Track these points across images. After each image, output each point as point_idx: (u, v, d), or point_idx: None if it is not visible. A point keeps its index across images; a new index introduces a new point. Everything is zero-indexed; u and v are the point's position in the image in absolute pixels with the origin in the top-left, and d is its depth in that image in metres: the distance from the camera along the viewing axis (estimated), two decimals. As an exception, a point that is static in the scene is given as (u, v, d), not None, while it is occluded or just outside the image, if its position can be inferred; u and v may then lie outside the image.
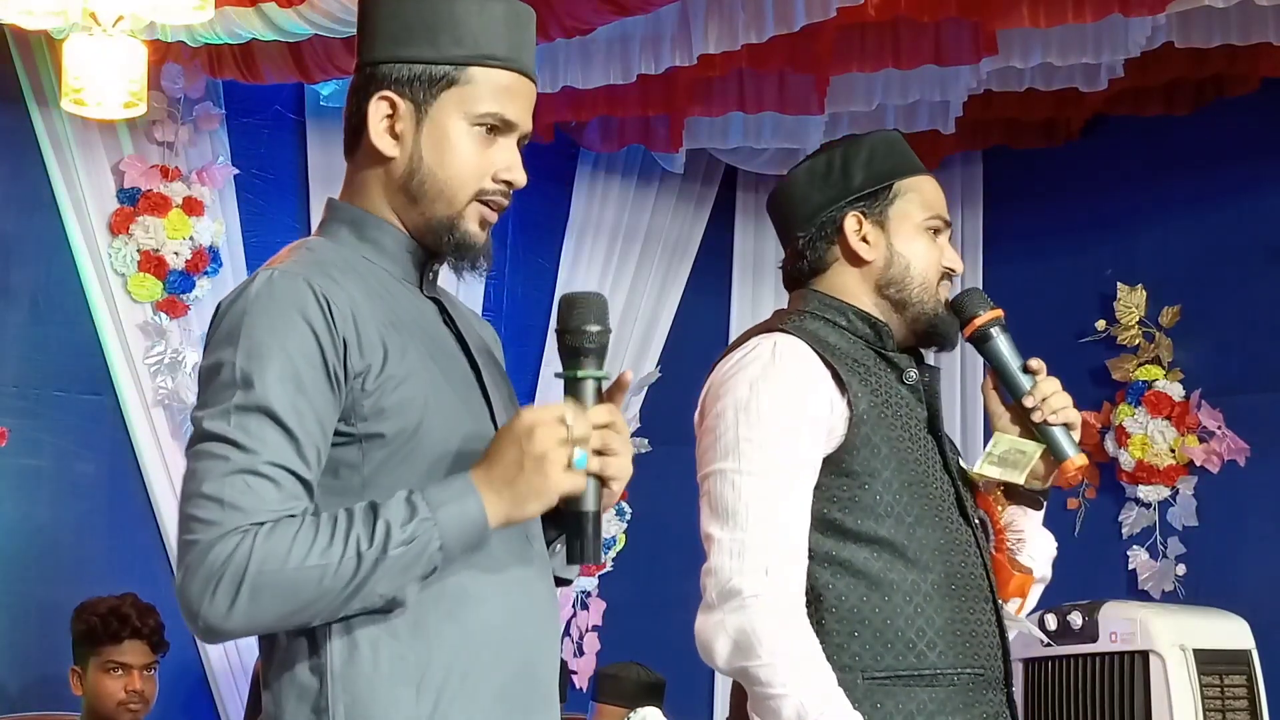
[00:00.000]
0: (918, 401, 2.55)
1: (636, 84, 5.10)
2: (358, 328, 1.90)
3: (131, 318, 5.29)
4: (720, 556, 2.39)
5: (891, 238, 2.56)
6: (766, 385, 2.43)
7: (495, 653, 1.93)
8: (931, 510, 2.48)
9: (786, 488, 2.40)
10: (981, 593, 2.50)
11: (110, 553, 5.26)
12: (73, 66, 4.23)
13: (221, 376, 1.87)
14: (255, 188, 5.60)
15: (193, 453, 1.87)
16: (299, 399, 1.86)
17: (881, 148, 2.62)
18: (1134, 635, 4.78)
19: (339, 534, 1.82)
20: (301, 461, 1.86)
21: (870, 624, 2.40)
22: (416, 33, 1.99)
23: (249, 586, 1.79)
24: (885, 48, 5.04)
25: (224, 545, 1.80)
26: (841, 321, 2.55)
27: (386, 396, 1.91)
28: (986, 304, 2.60)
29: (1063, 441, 2.57)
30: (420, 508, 1.84)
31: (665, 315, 6.32)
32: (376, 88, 2.00)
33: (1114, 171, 6.08)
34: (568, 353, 1.94)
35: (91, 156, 5.29)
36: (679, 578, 6.21)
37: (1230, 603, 5.19)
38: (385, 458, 1.91)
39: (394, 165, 2.00)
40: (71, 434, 5.27)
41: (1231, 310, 5.77)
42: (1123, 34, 4.91)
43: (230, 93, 5.48)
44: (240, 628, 1.83)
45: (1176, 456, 5.81)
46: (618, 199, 6.24)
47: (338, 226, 2.05)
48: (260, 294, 1.90)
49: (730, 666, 2.36)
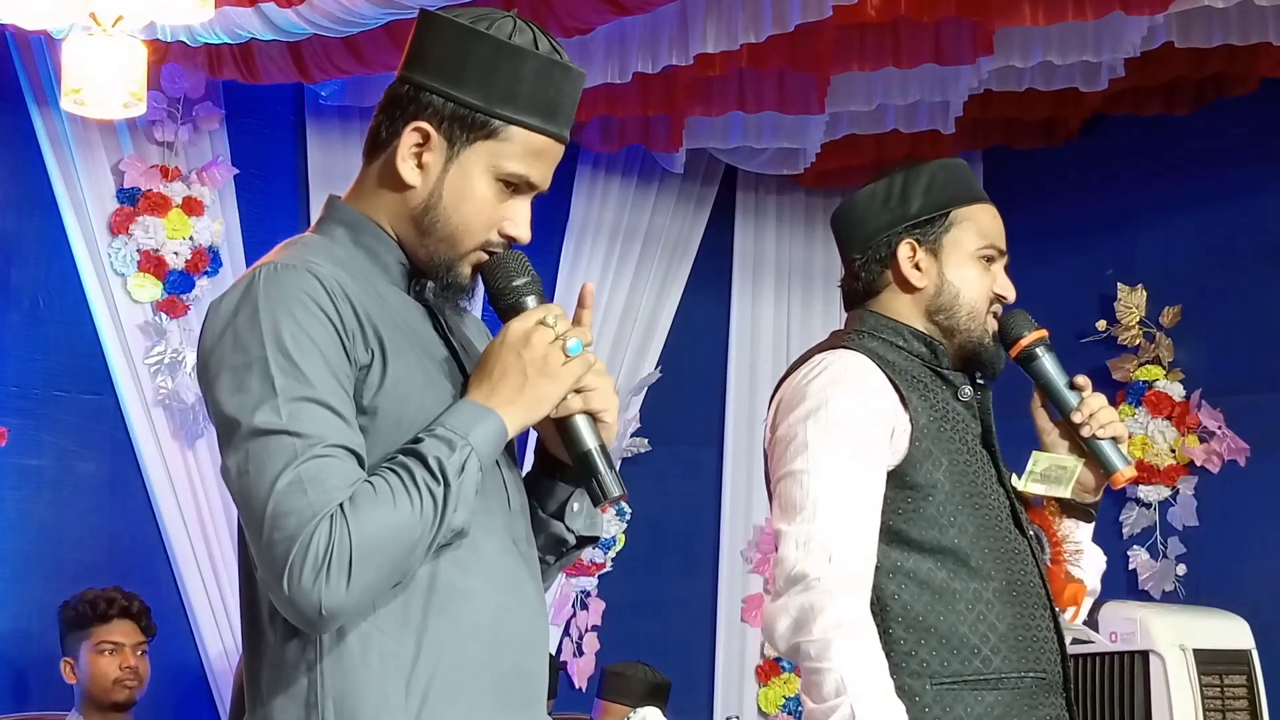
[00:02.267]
0: (972, 417, 2.63)
1: (636, 83, 5.10)
2: (359, 319, 1.92)
3: (131, 317, 5.30)
4: (787, 547, 2.45)
5: (944, 265, 2.63)
6: (835, 394, 2.51)
7: (485, 649, 1.94)
8: (990, 521, 2.55)
9: (854, 487, 2.46)
10: (1040, 600, 2.57)
11: (111, 552, 5.26)
12: (72, 66, 4.23)
13: (255, 372, 1.87)
14: (255, 187, 5.60)
15: (245, 451, 1.85)
16: (334, 382, 1.88)
17: (941, 175, 2.67)
18: (1134, 635, 4.78)
19: (408, 484, 1.85)
20: (355, 439, 1.88)
21: (936, 631, 2.47)
22: (471, 74, 1.99)
23: (358, 561, 1.81)
24: (885, 47, 5.04)
25: (320, 532, 1.81)
26: (899, 341, 2.63)
27: (381, 391, 1.92)
28: (1031, 325, 2.68)
29: (1112, 455, 2.65)
30: (455, 439, 1.89)
31: (665, 315, 6.32)
32: (416, 112, 2.00)
33: (1114, 171, 6.08)
34: (510, 312, 1.99)
35: (91, 156, 5.29)
36: (678, 578, 6.26)
37: (1230, 603, 5.20)
38: (373, 451, 1.91)
39: (412, 194, 2.01)
40: (71, 434, 5.27)
41: (1232, 310, 5.77)
42: (1122, 33, 4.91)
43: (230, 93, 5.48)
44: (359, 601, 1.84)
45: (1177, 456, 5.81)
46: (617, 199, 6.23)
47: (334, 226, 2.06)
48: (269, 287, 1.90)
49: (787, 644, 2.42)
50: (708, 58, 4.90)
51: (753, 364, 6.36)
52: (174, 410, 5.28)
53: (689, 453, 6.30)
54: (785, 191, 6.52)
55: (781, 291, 6.52)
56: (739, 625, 6.19)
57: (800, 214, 6.52)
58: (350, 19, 4.50)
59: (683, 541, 6.25)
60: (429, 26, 2.03)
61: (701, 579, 6.27)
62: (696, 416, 6.34)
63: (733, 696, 6.22)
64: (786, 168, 6.09)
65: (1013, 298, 2.69)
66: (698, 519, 6.29)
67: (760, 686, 6.22)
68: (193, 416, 5.28)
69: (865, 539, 2.45)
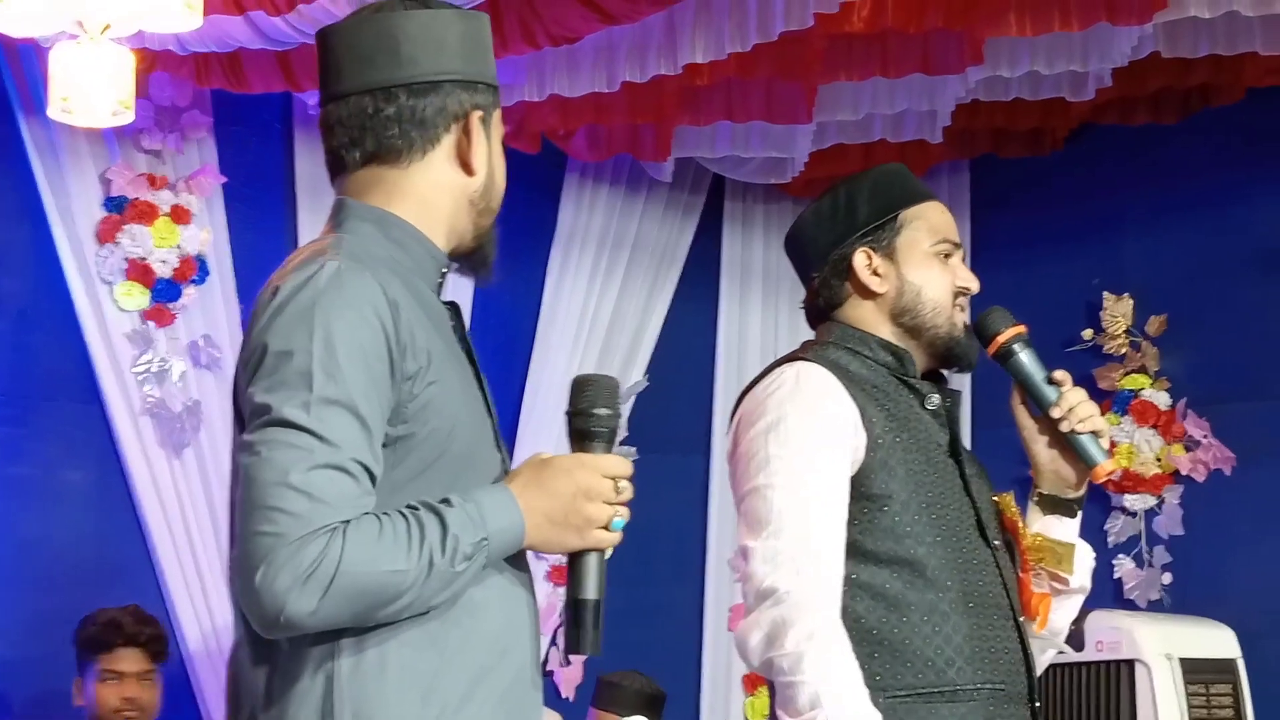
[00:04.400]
0: (940, 426, 2.62)
1: (624, 93, 5.10)
2: (412, 330, 1.93)
3: (119, 326, 5.28)
4: (755, 563, 2.45)
5: (901, 267, 2.64)
6: (793, 407, 2.51)
7: (497, 659, 1.96)
8: (949, 530, 2.54)
9: (817, 498, 2.46)
10: (1001, 610, 2.55)
11: (97, 561, 5.25)
12: (60, 74, 4.23)
13: (296, 363, 1.87)
14: (243, 196, 5.59)
15: (264, 439, 1.85)
16: (372, 394, 1.88)
17: (883, 180, 2.69)
18: (1120, 644, 4.79)
19: (414, 540, 1.84)
20: (374, 456, 1.88)
21: (888, 644, 2.46)
22: (470, 52, 2.08)
23: (336, 586, 1.80)
24: (873, 57, 5.05)
25: (315, 542, 1.80)
26: (864, 351, 2.63)
27: (427, 401, 1.94)
28: (1008, 320, 2.67)
29: (1092, 449, 2.63)
30: (479, 525, 1.88)
31: (653, 324, 6.32)
32: (468, 102, 2.07)
33: (1101, 181, 6.09)
34: (577, 435, 2.00)
35: (78, 165, 5.28)
36: (665, 586, 6.26)
37: (1216, 612, 5.21)
38: (415, 462, 1.93)
39: (473, 180, 2.09)
40: (59, 442, 5.26)
41: (1218, 319, 5.78)
42: (1110, 43, 4.93)
43: (218, 101, 5.48)
44: (319, 624, 1.84)
45: (1162, 465, 5.82)
46: (605, 207, 6.24)
47: (359, 224, 2.06)
48: (331, 285, 1.90)
49: (760, 659, 2.42)
50: (695, 67, 4.91)
51: (740, 372, 6.36)
52: (161, 419, 5.27)
53: (676, 461, 6.30)
54: (773, 200, 6.52)
55: (769, 300, 6.52)
56: (726, 634, 6.19)
57: (788, 223, 6.37)
58: (338, 28, 4.49)
59: (670, 550, 6.25)
60: (407, 24, 2.05)
61: (689, 587, 6.27)
62: (684, 425, 6.35)
63: (720, 705, 6.22)
64: (774, 177, 6.09)
65: (976, 288, 2.69)
66: (685, 527, 6.29)
67: (747, 696, 6.22)
68: (180, 426, 5.27)
69: (832, 550, 2.45)
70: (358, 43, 2.06)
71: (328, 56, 2.09)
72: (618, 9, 4.49)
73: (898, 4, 4.60)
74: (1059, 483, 2.68)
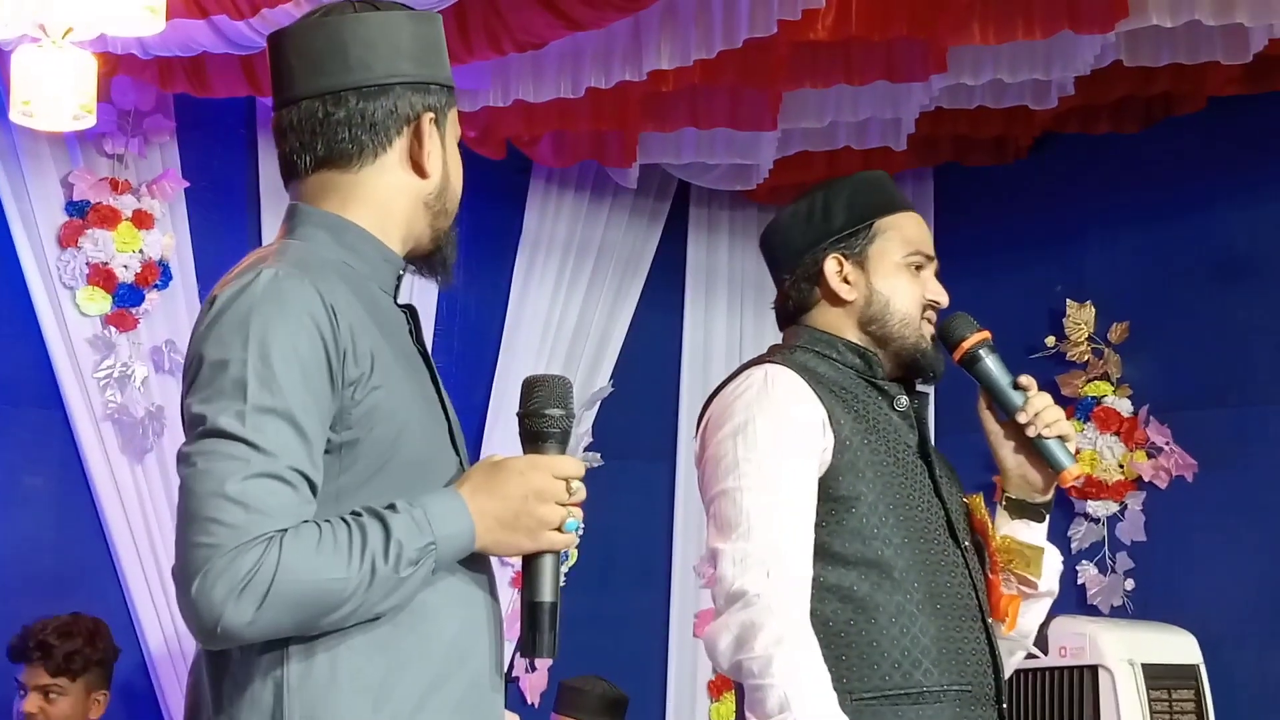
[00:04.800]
0: (909, 428, 2.63)
1: (589, 98, 5.10)
2: (353, 336, 1.92)
3: (80, 331, 5.25)
4: (724, 566, 2.45)
5: (871, 276, 2.64)
6: (760, 409, 2.51)
7: (452, 665, 1.95)
8: (917, 531, 2.54)
9: (785, 499, 2.47)
10: (969, 611, 2.56)
11: (58, 568, 5.22)
12: (21, 77, 4.20)
13: (231, 373, 1.86)
14: (206, 201, 5.57)
15: (200, 450, 1.86)
16: (310, 402, 1.87)
17: (862, 188, 2.70)
18: (1083, 650, 4.81)
19: (355, 547, 1.83)
20: (312, 464, 1.87)
21: (855, 645, 2.46)
22: (421, 53, 2.07)
23: (274, 595, 1.79)
24: (837, 64, 5.06)
25: (251, 552, 1.80)
26: (832, 353, 2.63)
27: (371, 406, 1.92)
28: (973, 327, 2.67)
29: (1058, 453, 2.64)
30: (425, 530, 1.86)
31: (618, 330, 6.32)
32: (419, 104, 2.05)
33: (1063, 189, 6.12)
34: (529, 436, 1.99)
35: (40, 169, 5.25)
36: (631, 592, 6.26)
37: (1178, 617, 5.23)
38: (361, 468, 1.92)
39: (428, 182, 2.08)
40: (19, 448, 5.22)
41: (1179, 327, 5.81)
42: (1072, 52, 4.95)
43: (181, 106, 5.45)
44: (259, 634, 1.83)
45: (1125, 472, 5.85)
46: (570, 214, 6.23)
47: (313, 230, 2.04)
48: (267, 293, 1.89)
49: (729, 661, 2.41)
50: (660, 73, 4.91)
51: (706, 378, 6.36)
52: (123, 425, 5.24)
53: (641, 467, 6.30)
54: (738, 207, 6.53)
55: (734, 306, 6.53)
56: (691, 640, 6.19)
57: (753, 229, 6.53)
58: (303, 32, 4.48)
59: (635, 556, 6.25)
60: (356, 27, 2.04)
61: (654, 594, 6.27)
62: (649, 431, 6.35)
63: (685, 712, 6.22)
64: (739, 183, 6.10)
65: (945, 302, 2.70)
66: (650, 534, 6.29)
67: (712, 701, 6.22)
68: (142, 431, 5.25)
69: (801, 552, 2.45)
70: (307, 47, 2.05)
71: (279, 61, 2.08)
72: (583, 15, 4.49)
73: (862, 12, 4.61)
74: (1026, 487, 2.69)
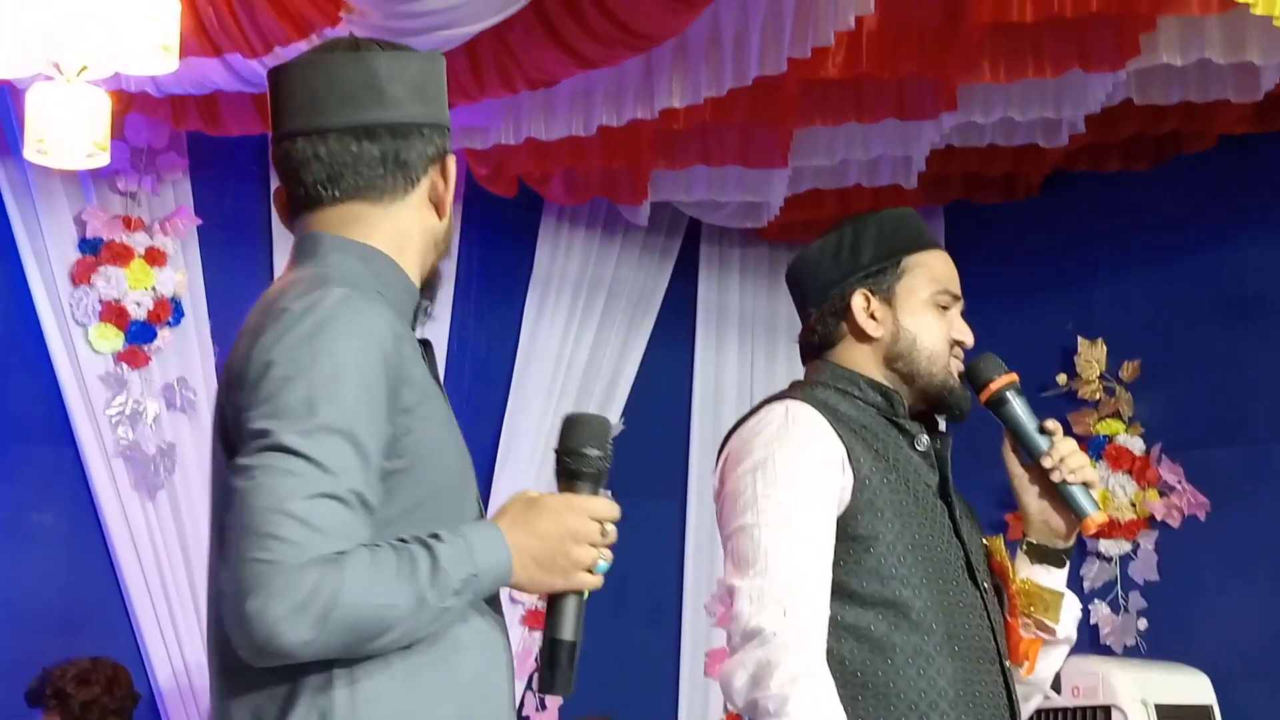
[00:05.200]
0: (930, 468, 2.61)
1: (600, 136, 5.12)
2: (410, 363, 1.93)
3: (92, 368, 5.27)
4: (741, 603, 2.43)
5: (898, 313, 2.62)
6: (780, 445, 2.50)
7: (477, 699, 1.96)
8: (936, 573, 2.52)
9: (803, 537, 2.45)
10: (987, 654, 2.53)
11: (68, 605, 5.21)
12: (36, 115, 4.22)
13: (297, 389, 1.84)
14: (218, 238, 5.58)
15: (262, 465, 1.82)
16: (373, 425, 1.86)
17: (890, 224, 2.67)
18: (1096, 689, 4.78)
19: (405, 574, 1.83)
20: (370, 488, 1.86)
21: (872, 687, 2.44)
22: (433, 94, 2.10)
23: (331, 619, 1.78)
24: (848, 102, 5.08)
25: (311, 572, 1.78)
26: (854, 391, 2.61)
27: (420, 436, 1.93)
28: (1000, 369, 2.66)
29: (1082, 500, 2.62)
30: (468, 561, 1.88)
31: (629, 368, 6.32)
32: (442, 146, 2.09)
33: (1074, 227, 6.12)
34: (565, 474, 2.00)
35: (53, 206, 5.27)
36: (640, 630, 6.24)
37: (1191, 657, 5.20)
38: (407, 498, 1.92)
39: (441, 223, 2.11)
40: (30, 485, 5.23)
41: (1191, 365, 5.80)
42: (1083, 90, 4.96)
43: (194, 143, 5.48)
44: (311, 655, 1.81)
45: (1137, 511, 5.83)
46: (581, 251, 6.25)
47: (340, 256, 2.03)
48: (339, 311, 1.89)
49: (744, 699, 2.39)
50: (671, 112, 4.93)
51: (716, 416, 6.36)
52: (135, 462, 5.25)
53: (652, 505, 6.29)
54: (749, 245, 6.54)
55: (745, 344, 6.53)
56: (702, 679, 6.17)
57: (764, 267, 6.55)
58: (315, 71, 4.50)
59: (645, 594, 6.23)
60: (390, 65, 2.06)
61: (664, 632, 6.25)
62: (660, 469, 6.34)
63: (695, 751, 6.19)
64: (750, 221, 6.11)
65: (971, 342, 2.69)
66: (661, 572, 6.27)
67: (723, 740, 6.19)
68: (153, 468, 5.25)
69: (818, 590, 2.44)
70: (340, 80, 2.04)
71: (301, 90, 2.06)
72: (595, 53, 4.51)
73: (872, 50, 4.63)
74: (1048, 532, 2.67)
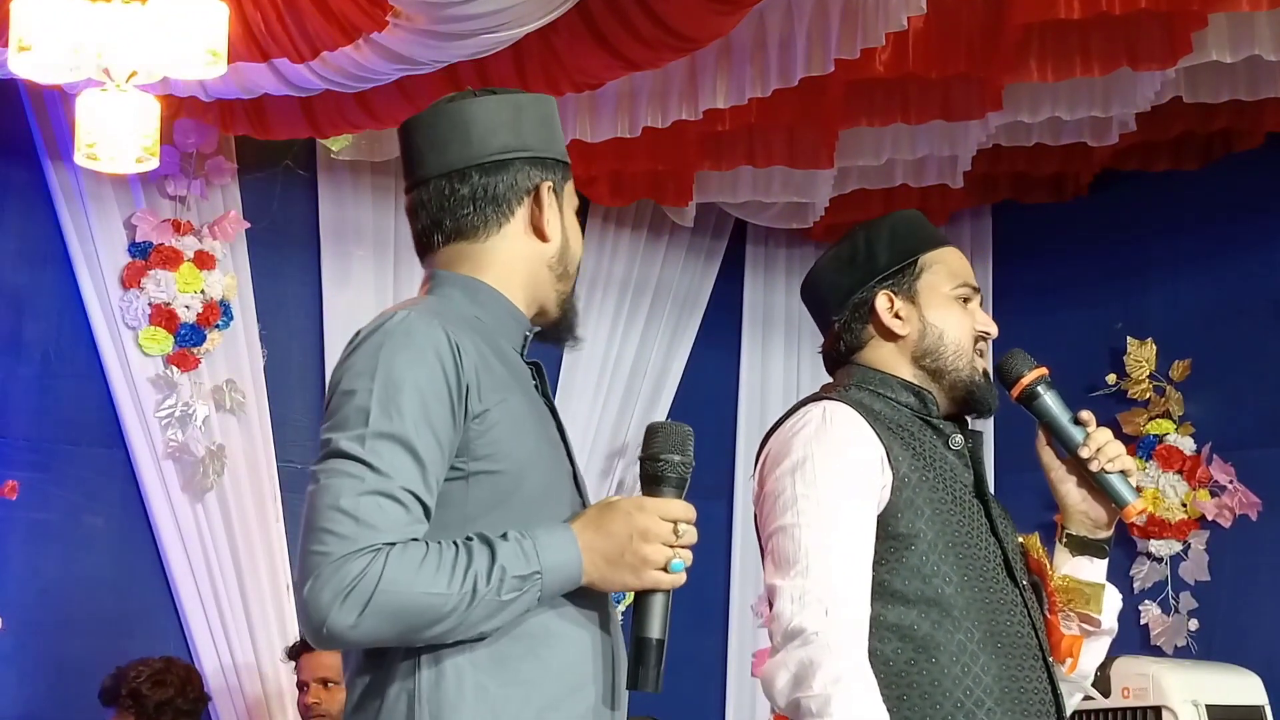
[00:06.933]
0: (964, 466, 2.62)
1: (646, 138, 5.12)
2: (477, 374, 2.07)
3: (142, 371, 5.31)
4: (782, 603, 2.44)
5: (923, 310, 2.65)
6: (819, 445, 2.51)
7: (566, 691, 2.07)
8: (976, 570, 2.53)
9: (844, 537, 2.46)
10: (1030, 651, 2.53)
11: (119, 606, 5.25)
12: (86, 121, 4.26)
13: (356, 401, 2.03)
14: (267, 241, 5.62)
15: (324, 469, 2.01)
16: (427, 430, 2.02)
17: (902, 226, 2.71)
18: (1147, 691, 4.76)
19: (459, 567, 1.97)
20: (426, 488, 2.01)
21: (917, 686, 2.44)
22: (530, 127, 2.25)
23: (376, 604, 1.94)
24: (894, 103, 5.06)
25: (358, 561, 1.94)
26: (887, 391, 2.63)
27: (497, 440, 2.07)
28: (1030, 363, 2.66)
29: (1121, 488, 2.62)
30: (532, 559, 2.01)
31: (675, 368, 6.33)
32: (537, 176, 2.23)
33: (1123, 226, 6.09)
34: (647, 479, 2.13)
35: (104, 210, 5.31)
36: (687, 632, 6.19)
37: (1243, 658, 5.17)
38: (487, 497, 2.06)
39: (549, 246, 2.26)
40: (81, 487, 5.27)
41: (1242, 364, 5.76)
42: (1131, 88, 4.93)
43: (242, 147, 5.51)
44: (360, 639, 1.97)
45: (1188, 511, 5.79)
46: (627, 253, 6.25)
47: (449, 290, 2.21)
48: (398, 330, 2.07)
49: (786, 700, 2.40)
50: (717, 112, 4.93)
51: (762, 417, 6.35)
52: (184, 464, 5.29)
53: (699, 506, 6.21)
54: (795, 245, 6.53)
55: (791, 345, 6.52)
56: (749, 680, 6.16)
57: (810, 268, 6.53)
58: (363, 74, 4.53)
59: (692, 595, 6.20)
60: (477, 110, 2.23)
61: (711, 633, 6.25)
62: (706, 469, 6.26)
63: (743, 752, 6.19)
64: (795, 222, 6.10)
65: (995, 333, 2.70)
66: (707, 573, 6.24)
67: (770, 742, 6.18)
68: (203, 470, 5.29)
69: (859, 590, 2.44)
70: (433, 131, 2.23)
71: (409, 147, 2.26)
72: (640, 55, 4.51)
73: (919, 50, 4.61)
74: (1088, 523, 2.67)
